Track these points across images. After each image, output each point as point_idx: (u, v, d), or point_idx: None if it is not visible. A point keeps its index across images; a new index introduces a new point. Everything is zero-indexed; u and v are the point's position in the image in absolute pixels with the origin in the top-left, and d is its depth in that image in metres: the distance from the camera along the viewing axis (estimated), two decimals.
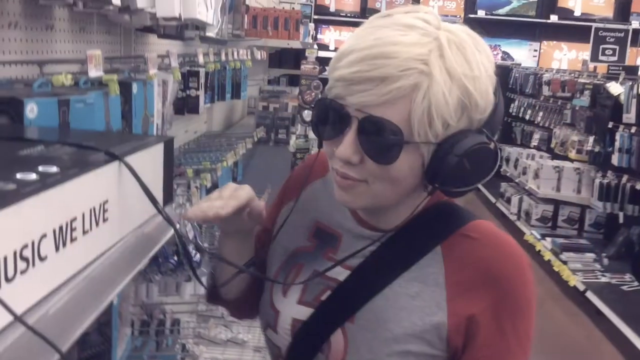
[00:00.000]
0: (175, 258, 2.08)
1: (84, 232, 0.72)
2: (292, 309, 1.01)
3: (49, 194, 0.64)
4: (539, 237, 5.94)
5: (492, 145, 0.89)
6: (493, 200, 7.71)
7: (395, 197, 0.92)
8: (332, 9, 11.02)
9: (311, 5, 10.35)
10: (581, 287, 4.85)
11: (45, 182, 0.65)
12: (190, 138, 3.43)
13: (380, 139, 0.85)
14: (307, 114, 4.06)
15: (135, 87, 1.63)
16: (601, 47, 6.18)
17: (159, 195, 1.00)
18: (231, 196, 0.98)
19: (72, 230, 0.69)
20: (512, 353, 0.95)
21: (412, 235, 0.97)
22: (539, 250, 5.78)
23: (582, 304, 4.84)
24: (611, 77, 5.97)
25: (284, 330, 1.02)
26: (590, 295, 4.70)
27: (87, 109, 1.25)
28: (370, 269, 0.97)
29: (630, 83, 5.17)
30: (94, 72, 1.24)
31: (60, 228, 0.66)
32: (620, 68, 6.20)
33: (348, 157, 0.87)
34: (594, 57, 6.29)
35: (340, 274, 0.99)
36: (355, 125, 0.86)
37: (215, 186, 2.96)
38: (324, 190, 1.08)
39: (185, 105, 2.64)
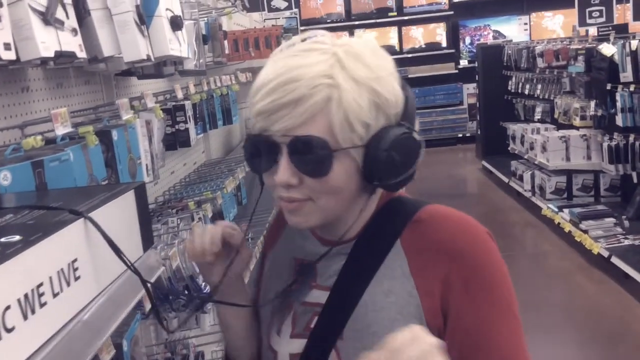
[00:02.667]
0: (187, 292, 2.09)
1: (54, 295, 0.73)
2: (287, 345, 1.04)
3: (9, 265, 0.66)
4: (556, 209, 5.89)
5: (412, 134, 0.95)
6: (506, 180, 7.67)
7: (342, 206, 0.96)
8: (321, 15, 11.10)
9: (296, 18, 10.40)
10: (605, 254, 4.80)
11: (5, 254, 0.67)
12: (190, 170, 3.46)
13: (311, 155, 0.90)
14: None
15: (115, 134, 1.65)
16: (587, 10, 6.12)
17: (137, 242, 1.02)
18: (215, 225, 1.07)
19: (39, 295, 0.70)
20: (492, 322, 0.94)
21: (372, 238, 1.01)
22: (559, 223, 5.73)
23: (608, 270, 4.80)
24: (602, 38, 5.92)
25: None
26: (615, 260, 4.65)
27: (64, 165, 1.27)
28: (345, 282, 0.99)
29: (622, 41, 5.13)
30: (61, 130, 1.26)
31: (26, 296, 0.68)
32: (610, 28, 6.14)
33: (287, 180, 0.92)
34: (582, 22, 6.23)
35: (322, 296, 1.02)
36: (285, 150, 0.92)
37: (220, 215, 2.98)
38: (292, 231, 1.13)
39: (176, 140, 2.67)
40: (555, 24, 11.19)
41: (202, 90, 2.88)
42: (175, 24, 2.13)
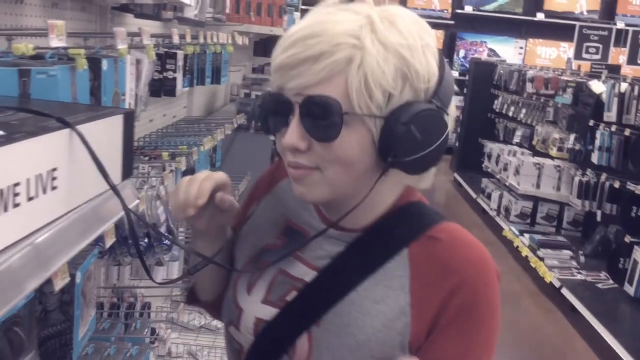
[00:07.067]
0: (146, 240, 2.05)
1: (29, 199, 0.69)
2: (256, 307, 0.99)
3: None
4: (517, 233, 5.97)
5: (439, 112, 0.87)
6: (474, 195, 7.75)
7: (352, 183, 0.89)
8: None
9: None
10: (557, 284, 4.88)
11: None
12: (169, 122, 3.40)
13: (321, 117, 0.84)
14: None
15: (105, 63, 1.59)
16: (585, 45, 6.20)
17: (116, 169, 0.98)
18: (205, 178, 0.95)
19: (14, 195, 0.66)
20: (471, 356, 0.92)
21: (379, 237, 0.94)
22: (517, 246, 5.81)
23: (557, 300, 4.88)
24: (594, 75, 6.00)
25: (246, 329, 0.99)
26: (565, 292, 4.73)
27: (50, 80, 1.22)
28: (337, 271, 0.94)
29: (612, 82, 5.19)
30: (56, 42, 1.21)
31: (1, 192, 0.64)
32: (603, 67, 6.23)
33: (294, 143, 0.86)
34: (578, 55, 6.32)
35: (307, 274, 0.96)
36: (297, 110, 0.86)
37: (192, 171, 2.93)
38: (291, 190, 1.04)
39: (161, 87, 2.60)
40: (549, 53, 11.31)
41: (197, 43, 2.82)
42: None
